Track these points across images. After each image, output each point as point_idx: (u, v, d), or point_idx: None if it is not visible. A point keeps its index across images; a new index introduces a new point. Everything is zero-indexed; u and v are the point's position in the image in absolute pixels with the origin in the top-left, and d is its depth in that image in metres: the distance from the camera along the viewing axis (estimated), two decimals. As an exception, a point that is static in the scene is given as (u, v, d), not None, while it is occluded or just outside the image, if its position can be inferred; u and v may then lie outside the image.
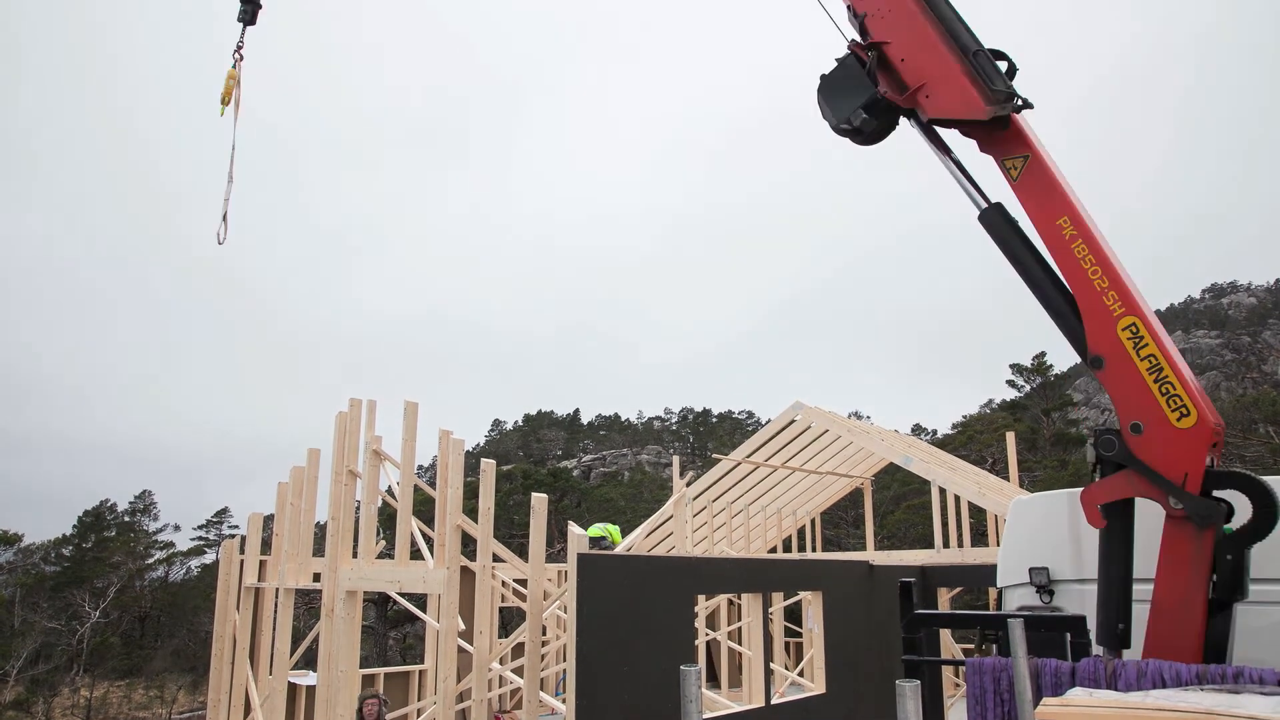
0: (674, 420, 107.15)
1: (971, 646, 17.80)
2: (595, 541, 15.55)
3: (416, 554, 10.81)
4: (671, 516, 17.22)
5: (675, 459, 18.27)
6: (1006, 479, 18.51)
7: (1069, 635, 5.13)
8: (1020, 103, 6.08)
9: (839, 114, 6.71)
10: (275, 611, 12.43)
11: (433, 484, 11.21)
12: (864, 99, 6.53)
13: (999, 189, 6.38)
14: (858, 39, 6.86)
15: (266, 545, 14.11)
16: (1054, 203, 5.89)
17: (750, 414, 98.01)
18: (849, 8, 6.97)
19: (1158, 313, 5.85)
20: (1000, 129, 6.18)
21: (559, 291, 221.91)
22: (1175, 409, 5.29)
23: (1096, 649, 5.31)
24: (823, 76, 6.93)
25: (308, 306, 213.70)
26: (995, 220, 6.19)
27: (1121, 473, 5.42)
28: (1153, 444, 5.31)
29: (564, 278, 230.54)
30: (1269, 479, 5.26)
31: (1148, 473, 5.28)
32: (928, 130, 6.61)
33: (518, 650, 14.69)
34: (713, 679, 19.29)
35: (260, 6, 10.26)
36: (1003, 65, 6.24)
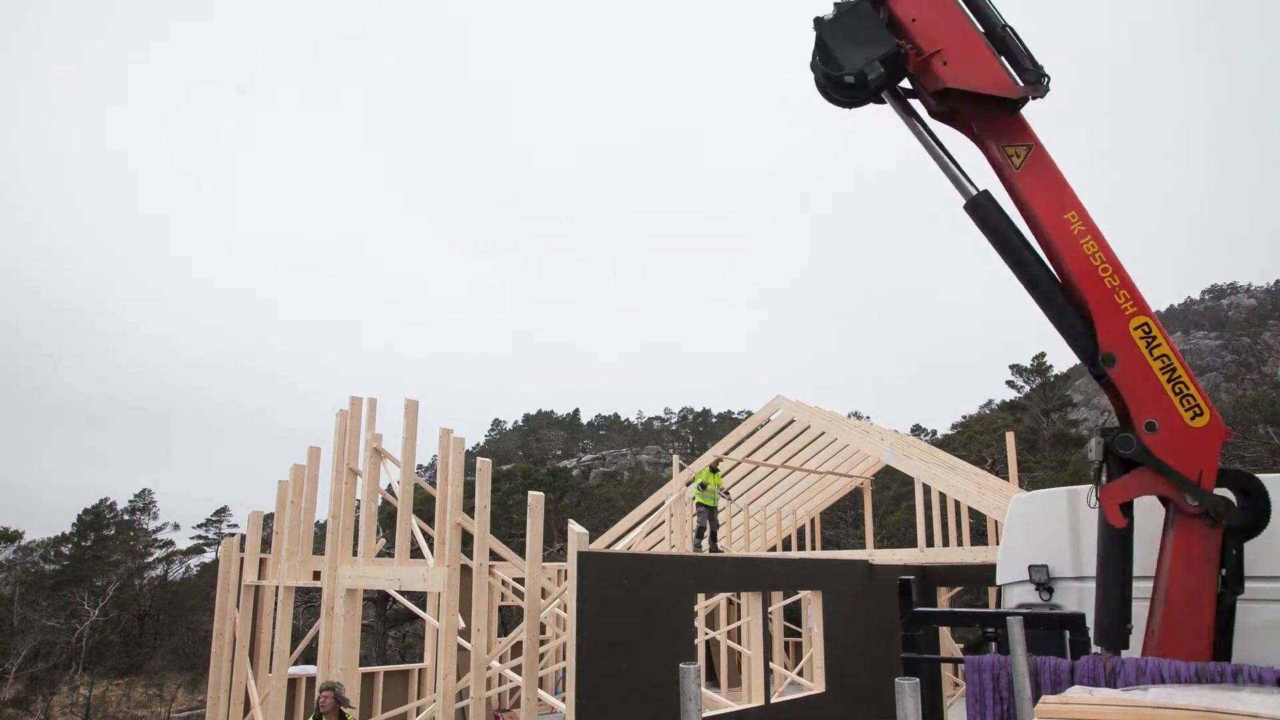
0: (674, 420, 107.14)
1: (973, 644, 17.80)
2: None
3: (416, 552, 10.80)
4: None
5: (675, 458, 18.28)
6: (1006, 479, 18.50)
7: (1068, 633, 5.13)
8: (1048, 84, 5.82)
9: (850, 63, 5.96)
10: (275, 610, 12.43)
11: (433, 482, 11.22)
12: (884, 51, 5.90)
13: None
14: None
15: (266, 544, 14.11)
16: (1063, 196, 5.72)
17: (750, 414, 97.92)
18: None
19: (1157, 313, 5.88)
20: (1009, 113, 5.92)
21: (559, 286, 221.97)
22: (1189, 409, 5.37)
23: (1096, 648, 5.32)
24: (824, 21, 6.19)
25: (310, 301, 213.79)
26: (988, 208, 5.85)
27: (1137, 471, 5.41)
28: (1167, 442, 5.35)
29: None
30: (1265, 476, 5.36)
31: (1167, 471, 5.32)
32: (903, 105, 6.25)
33: (517, 649, 14.69)
34: (712, 678, 19.29)
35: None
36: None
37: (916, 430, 61.80)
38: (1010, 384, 46.95)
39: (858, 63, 5.94)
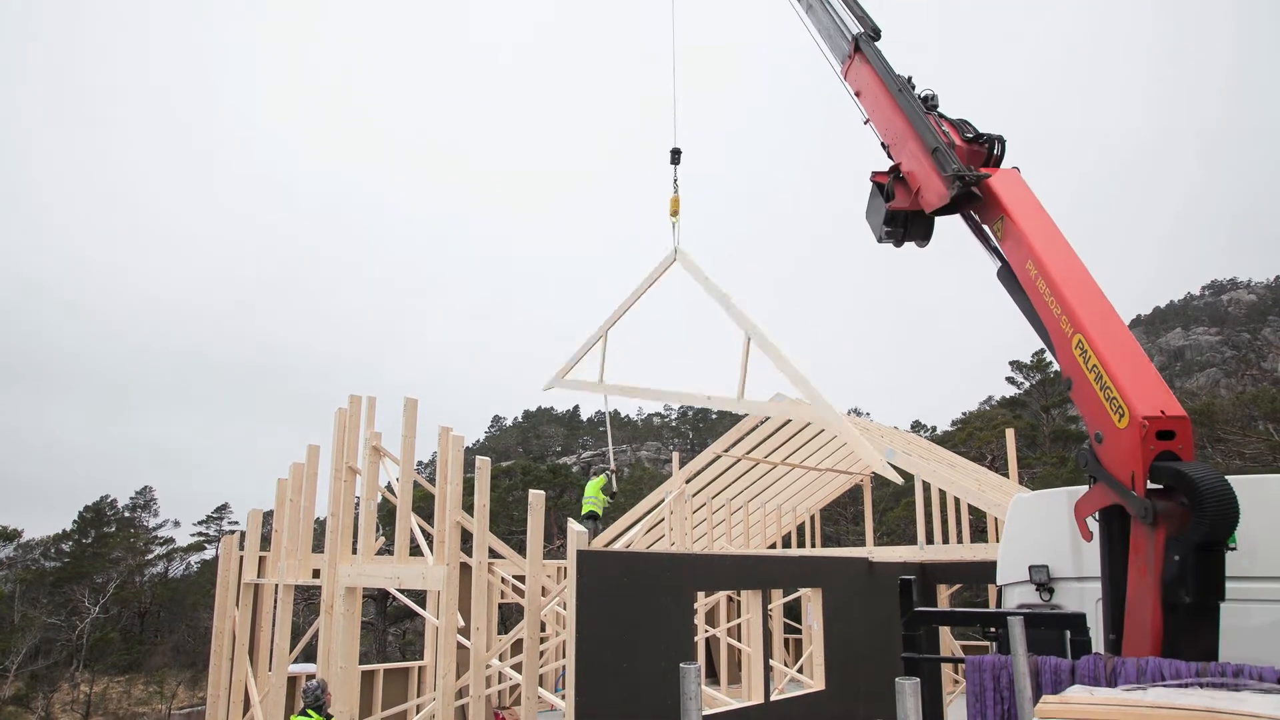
0: (674, 416, 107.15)
1: (977, 643, 17.83)
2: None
3: (416, 550, 10.80)
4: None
5: (675, 455, 18.28)
6: (1006, 476, 18.49)
7: (1068, 633, 5.13)
8: (971, 180, 6.90)
9: (876, 232, 7.99)
10: (275, 607, 12.44)
11: (432, 480, 11.21)
12: (883, 215, 7.78)
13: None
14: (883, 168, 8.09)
15: (266, 541, 14.11)
16: (1020, 251, 6.48)
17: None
18: (881, 144, 8.25)
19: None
20: (974, 202, 6.98)
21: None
22: (1115, 410, 5.29)
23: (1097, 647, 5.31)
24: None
25: (312, 302, 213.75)
26: (1004, 277, 6.93)
27: (1097, 483, 5.45)
28: (1108, 450, 5.35)
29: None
30: (1236, 478, 5.05)
31: (1107, 479, 5.30)
32: (966, 218, 7.39)
33: (517, 647, 14.70)
34: (712, 676, 19.31)
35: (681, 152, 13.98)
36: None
37: (916, 427, 61.79)
38: (1010, 380, 46.95)
39: (877, 231, 7.94)
